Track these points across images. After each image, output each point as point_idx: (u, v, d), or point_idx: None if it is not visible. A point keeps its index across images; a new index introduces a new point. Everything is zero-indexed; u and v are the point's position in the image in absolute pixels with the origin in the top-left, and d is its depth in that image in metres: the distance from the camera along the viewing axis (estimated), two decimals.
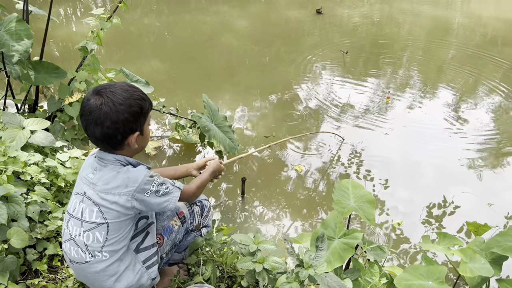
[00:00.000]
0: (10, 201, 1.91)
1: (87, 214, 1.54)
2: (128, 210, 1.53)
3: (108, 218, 1.53)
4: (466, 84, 5.39)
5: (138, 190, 1.52)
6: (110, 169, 1.54)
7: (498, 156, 3.98)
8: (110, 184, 1.52)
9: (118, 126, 1.47)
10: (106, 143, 1.52)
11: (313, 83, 5.30)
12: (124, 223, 1.55)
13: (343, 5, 8.31)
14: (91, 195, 1.54)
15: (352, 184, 2.23)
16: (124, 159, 1.56)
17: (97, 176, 1.54)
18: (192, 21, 7.02)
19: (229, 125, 3.58)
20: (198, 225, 1.96)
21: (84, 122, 1.49)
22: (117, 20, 3.18)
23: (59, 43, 5.95)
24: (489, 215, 3.23)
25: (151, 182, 1.55)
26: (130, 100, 1.49)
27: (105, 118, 1.45)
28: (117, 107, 1.46)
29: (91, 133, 1.50)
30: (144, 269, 1.66)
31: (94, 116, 1.45)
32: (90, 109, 1.46)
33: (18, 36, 2.66)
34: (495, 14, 7.92)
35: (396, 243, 3.03)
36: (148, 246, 1.68)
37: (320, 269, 1.66)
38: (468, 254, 1.94)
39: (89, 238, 1.54)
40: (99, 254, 1.55)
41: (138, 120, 1.53)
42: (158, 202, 1.57)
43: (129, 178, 1.52)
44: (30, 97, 3.28)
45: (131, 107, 1.48)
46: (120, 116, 1.46)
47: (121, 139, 1.51)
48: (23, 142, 2.39)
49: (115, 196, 1.51)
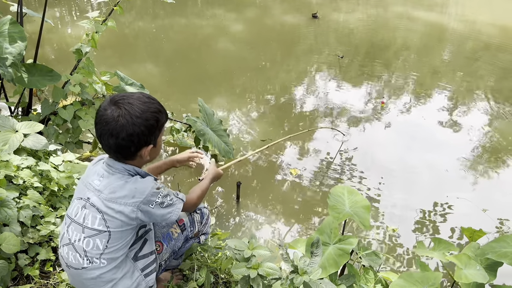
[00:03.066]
0: (2, 206, 1.89)
1: (90, 221, 1.52)
2: (131, 220, 1.52)
3: (111, 226, 1.51)
4: (460, 89, 5.41)
5: (144, 202, 1.51)
6: (118, 178, 1.53)
7: (492, 161, 3.99)
8: (117, 193, 1.50)
9: (133, 139, 1.47)
10: (118, 153, 1.52)
11: (309, 87, 5.30)
12: (125, 233, 1.54)
13: (339, 10, 8.35)
14: (95, 202, 1.52)
15: (347, 190, 2.23)
16: (133, 169, 1.56)
17: (104, 184, 1.52)
18: (188, 25, 7.01)
19: (224, 129, 3.58)
20: (198, 232, 1.95)
21: (99, 131, 1.49)
22: (112, 23, 3.18)
23: (54, 45, 5.93)
24: (484, 221, 3.24)
25: (157, 194, 1.55)
26: (147, 113, 1.48)
27: (121, 130, 1.44)
28: (134, 120, 1.45)
29: (105, 142, 1.50)
30: (142, 277, 1.64)
31: (110, 127, 1.45)
32: (107, 120, 1.45)
33: (12, 38, 2.65)
34: (490, 20, 7.98)
35: (391, 249, 3.03)
36: (146, 254, 1.66)
37: (315, 275, 1.65)
38: (463, 260, 1.93)
39: (89, 245, 1.52)
40: (97, 260, 1.53)
41: (153, 133, 1.53)
42: (162, 214, 1.57)
43: (137, 189, 1.51)
44: (23, 100, 3.25)
45: (147, 120, 1.48)
46: (136, 129, 1.46)
47: (134, 151, 1.51)
48: (16, 146, 2.36)
49: (121, 205, 1.49)
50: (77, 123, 3.06)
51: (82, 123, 3.03)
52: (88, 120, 3.04)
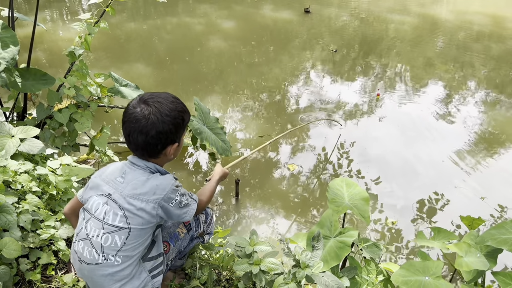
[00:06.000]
0: (1, 211, 1.88)
1: (110, 217, 1.52)
2: (152, 217, 1.53)
3: (132, 223, 1.52)
4: (455, 80, 5.44)
5: (165, 199, 1.53)
6: (140, 174, 1.55)
7: (488, 150, 4.02)
8: (138, 190, 1.52)
9: (161, 137, 1.51)
10: (145, 151, 1.55)
11: (303, 82, 5.31)
12: (145, 231, 1.55)
13: (331, 4, 8.35)
14: (117, 199, 1.53)
15: (346, 183, 2.23)
16: (154, 167, 1.58)
17: (126, 180, 1.54)
18: (179, 24, 6.99)
19: (221, 127, 3.57)
20: (203, 232, 1.97)
21: (128, 129, 1.51)
22: (104, 25, 3.16)
23: (47, 49, 5.89)
24: (483, 209, 3.26)
25: (176, 191, 1.57)
26: (175, 112, 1.53)
27: (152, 127, 1.48)
28: (164, 118, 1.50)
29: (133, 140, 1.52)
30: (149, 278, 1.63)
31: (140, 125, 1.48)
32: (137, 117, 1.48)
33: (4, 43, 2.63)
34: (480, 9, 8.00)
35: (391, 240, 3.04)
36: (154, 256, 1.67)
37: (317, 269, 1.66)
38: (463, 248, 1.95)
39: (107, 241, 1.52)
40: (112, 258, 1.53)
41: (179, 132, 1.57)
42: (178, 214, 1.60)
43: (158, 185, 1.53)
44: (18, 105, 3.24)
45: (175, 118, 1.53)
46: (165, 127, 1.50)
47: (160, 149, 1.55)
48: (13, 151, 2.35)
49: (143, 202, 1.51)
50: (73, 126, 3.05)
51: (78, 126, 3.02)
52: (84, 123, 3.03)
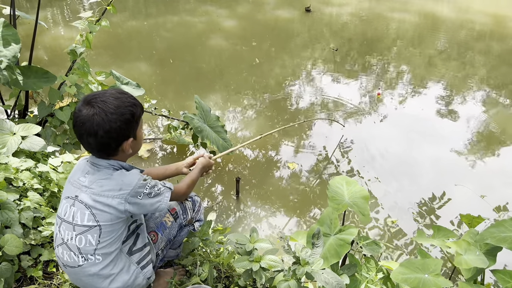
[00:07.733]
0: (3, 208, 1.90)
1: (79, 218, 1.54)
2: (120, 213, 1.54)
3: (100, 220, 1.53)
4: (456, 79, 5.43)
5: (131, 194, 1.53)
6: (104, 173, 1.55)
7: (489, 148, 4.02)
8: (104, 187, 1.52)
9: (112, 135, 1.49)
10: (101, 151, 1.54)
11: (304, 81, 5.31)
12: (116, 226, 1.56)
13: (332, 3, 8.34)
14: (83, 198, 1.54)
15: (346, 181, 2.23)
16: (117, 163, 1.58)
17: (90, 179, 1.55)
18: (180, 22, 6.99)
19: (222, 125, 3.58)
20: (191, 219, 1.99)
21: (78, 132, 1.50)
22: (105, 23, 3.17)
23: (48, 47, 5.90)
24: (483, 207, 3.26)
25: (144, 185, 1.57)
26: (122, 108, 1.50)
27: (98, 128, 1.46)
28: (109, 116, 1.47)
29: (85, 142, 1.52)
30: (139, 269, 1.67)
31: (87, 127, 1.46)
32: (82, 120, 1.47)
33: (6, 41, 2.64)
34: (482, 8, 7.99)
35: (391, 238, 3.05)
36: (140, 247, 1.69)
37: (317, 266, 1.67)
38: (462, 246, 1.95)
39: (81, 242, 1.54)
40: (92, 257, 1.55)
41: (131, 127, 1.54)
42: (151, 203, 1.59)
43: (123, 181, 1.53)
44: (20, 103, 3.25)
45: (123, 115, 1.50)
46: (113, 125, 1.48)
47: (115, 147, 1.54)
48: (14, 148, 2.36)
49: (108, 198, 1.52)
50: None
51: None
52: None
